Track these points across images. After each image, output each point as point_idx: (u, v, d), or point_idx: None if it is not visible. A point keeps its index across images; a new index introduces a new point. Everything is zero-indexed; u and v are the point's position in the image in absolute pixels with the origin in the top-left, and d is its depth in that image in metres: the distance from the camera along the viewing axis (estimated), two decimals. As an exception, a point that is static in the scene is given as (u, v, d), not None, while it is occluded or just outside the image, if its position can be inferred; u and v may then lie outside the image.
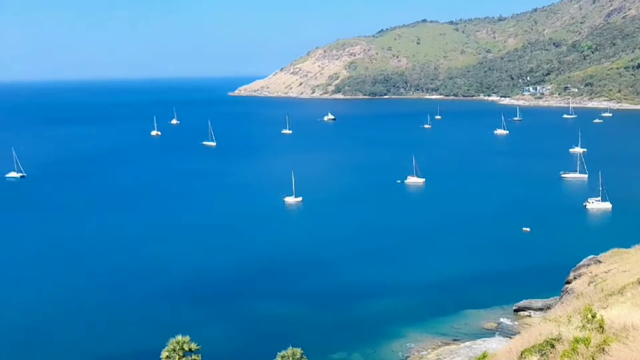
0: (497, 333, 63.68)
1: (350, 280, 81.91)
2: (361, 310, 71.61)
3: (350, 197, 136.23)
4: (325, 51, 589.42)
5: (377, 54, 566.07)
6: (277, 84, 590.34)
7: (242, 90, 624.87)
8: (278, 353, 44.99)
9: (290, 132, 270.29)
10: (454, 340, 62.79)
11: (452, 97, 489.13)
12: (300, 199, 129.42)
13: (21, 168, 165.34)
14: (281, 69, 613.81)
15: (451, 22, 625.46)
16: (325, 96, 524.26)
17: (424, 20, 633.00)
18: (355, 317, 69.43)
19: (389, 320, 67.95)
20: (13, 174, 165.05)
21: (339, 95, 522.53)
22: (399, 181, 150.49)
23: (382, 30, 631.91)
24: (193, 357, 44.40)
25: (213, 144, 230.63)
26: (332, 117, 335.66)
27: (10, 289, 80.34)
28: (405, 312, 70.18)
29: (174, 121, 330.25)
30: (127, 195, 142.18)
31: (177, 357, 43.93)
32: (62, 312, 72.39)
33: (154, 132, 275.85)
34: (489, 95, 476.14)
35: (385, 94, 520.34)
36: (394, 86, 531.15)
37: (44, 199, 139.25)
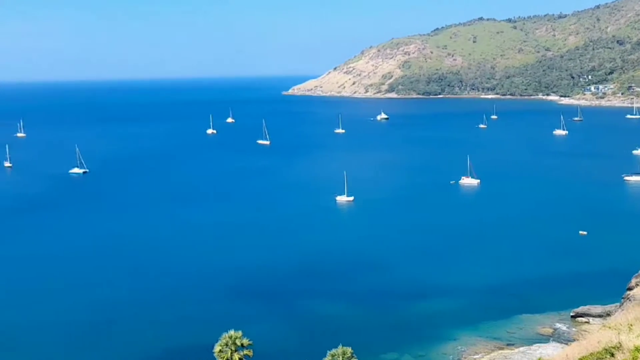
0: (553, 339, 62.01)
1: (401, 281, 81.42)
2: (413, 311, 71.07)
3: (402, 197, 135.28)
4: (379, 50, 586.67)
5: (432, 52, 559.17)
6: (330, 83, 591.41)
7: (296, 90, 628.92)
8: (328, 351, 45.23)
9: (343, 131, 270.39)
10: (508, 344, 61.54)
11: (508, 97, 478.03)
12: (352, 198, 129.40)
13: (84, 164, 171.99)
14: (334, 69, 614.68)
15: (509, 20, 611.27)
16: (378, 95, 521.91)
17: (481, 18, 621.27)
18: (407, 318, 68.98)
19: (441, 322, 67.20)
20: (76, 170, 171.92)
21: (392, 95, 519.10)
22: (452, 182, 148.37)
23: (437, 28, 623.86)
24: (245, 352, 45.16)
25: (267, 142, 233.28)
26: (385, 116, 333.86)
27: (70, 283, 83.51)
28: (457, 315, 69.21)
29: (230, 120, 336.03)
30: (183, 192, 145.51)
31: (230, 351, 44.80)
32: (118, 305, 74.78)
33: (209, 131, 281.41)
34: (547, 95, 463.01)
35: (439, 93, 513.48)
36: (448, 85, 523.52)
37: (105, 194, 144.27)
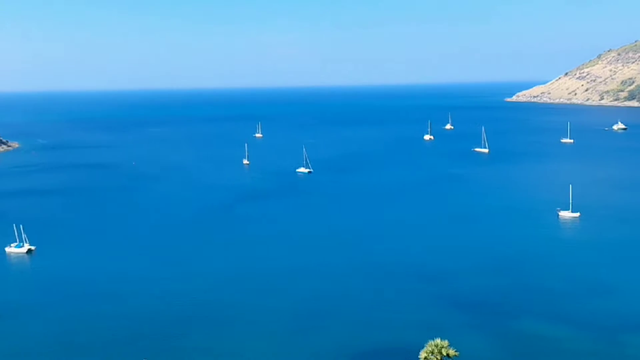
0: None
1: (631, 311, 73.14)
2: (642, 345, 63.50)
3: (638, 219, 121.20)
4: (619, 54, 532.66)
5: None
6: (559, 89, 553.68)
7: (520, 96, 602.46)
8: (540, 375, 42.69)
9: (571, 141, 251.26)
10: None
11: None
12: (577, 214, 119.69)
13: (309, 164, 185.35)
14: (565, 74, 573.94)
15: None
16: (616, 103, 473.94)
17: None
18: (635, 353, 61.82)
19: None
20: (302, 170, 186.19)
21: (633, 103, 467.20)
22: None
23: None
24: (450, 362, 44.70)
25: (485, 150, 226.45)
26: (623, 126, 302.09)
27: (283, 270, 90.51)
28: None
29: (448, 126, 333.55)
30: (397, 193, 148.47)
31: None
32: (325, 297, 78.88)
33: (427, 137, 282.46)
34: None
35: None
36: None
37: (325, 192, 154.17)
